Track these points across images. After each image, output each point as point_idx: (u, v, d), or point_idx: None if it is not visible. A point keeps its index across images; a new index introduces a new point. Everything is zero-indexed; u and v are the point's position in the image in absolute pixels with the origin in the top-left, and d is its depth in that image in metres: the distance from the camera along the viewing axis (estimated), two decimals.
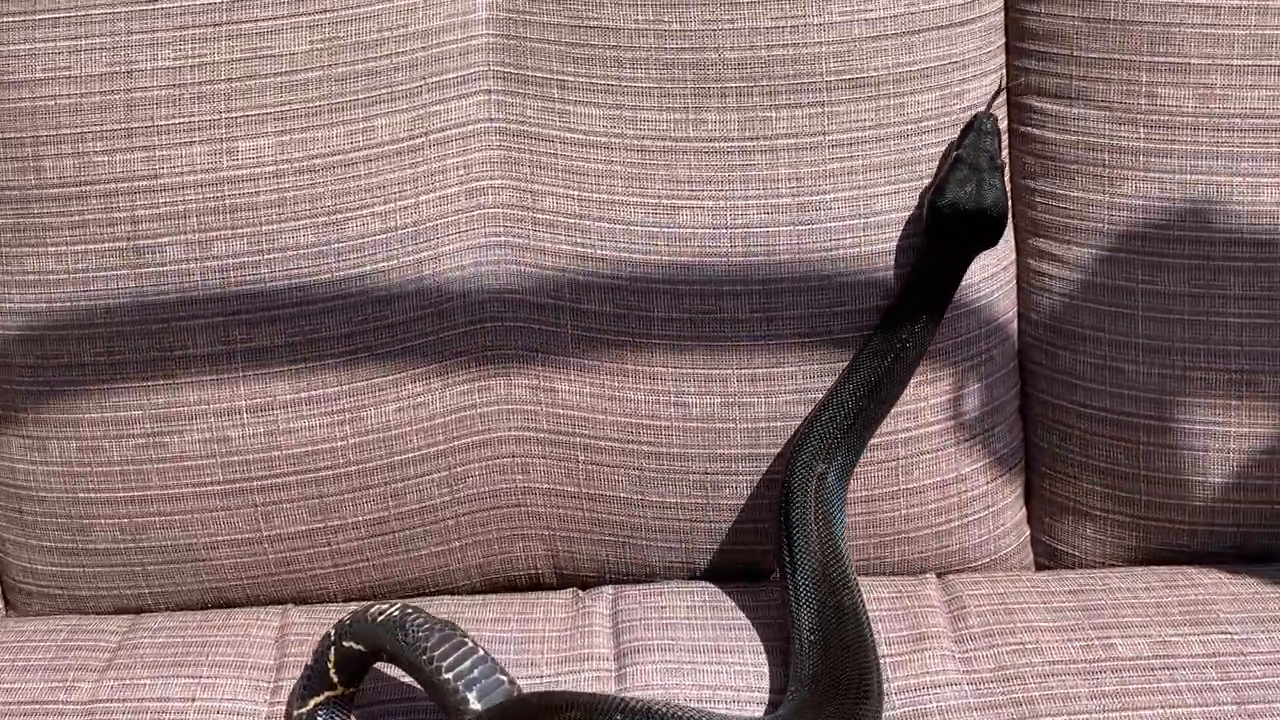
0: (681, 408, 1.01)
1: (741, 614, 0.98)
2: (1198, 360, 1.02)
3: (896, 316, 0.98)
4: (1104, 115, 1.01)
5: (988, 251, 1.02)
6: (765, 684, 0.92)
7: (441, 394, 1.00)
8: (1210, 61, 0.99)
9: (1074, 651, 0.93)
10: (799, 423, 1.00)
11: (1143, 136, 1.01)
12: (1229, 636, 0.94)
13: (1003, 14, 1.03)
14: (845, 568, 0.94)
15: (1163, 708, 0.87)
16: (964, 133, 0.99)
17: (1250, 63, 0.99)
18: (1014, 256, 1.07)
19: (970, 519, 1.06)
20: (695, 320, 1.00)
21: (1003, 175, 0.99)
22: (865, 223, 1.00)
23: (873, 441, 1.01)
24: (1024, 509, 1.10)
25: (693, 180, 0.99)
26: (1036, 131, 1.05)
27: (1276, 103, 0.99)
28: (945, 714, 0.88)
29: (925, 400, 1.03)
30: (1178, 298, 1.01)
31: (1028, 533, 1.10)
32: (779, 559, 0.95)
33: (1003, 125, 1.04)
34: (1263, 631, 0.94)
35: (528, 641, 0.97)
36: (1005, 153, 1.02)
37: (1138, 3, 0.98)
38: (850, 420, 0.97)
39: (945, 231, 0.96)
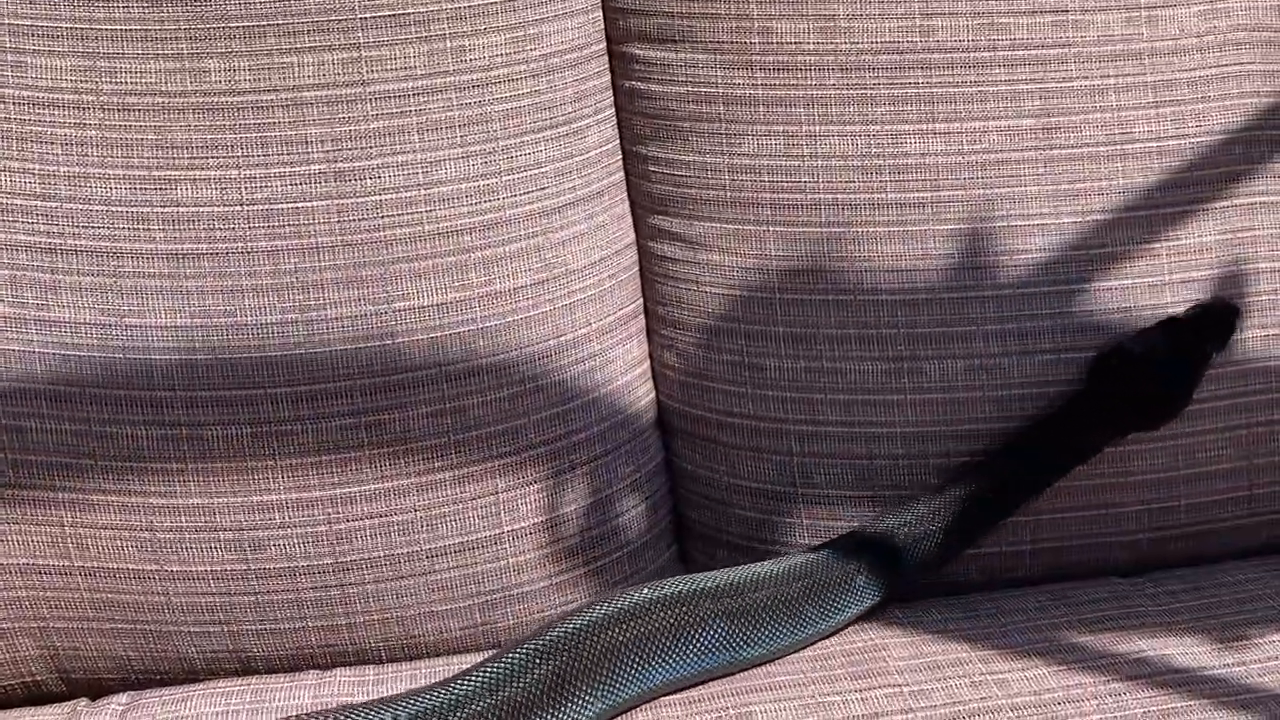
0: (197, 441, 0.77)
1: (290, 713, 0.76)
2: (849, 348, 0.86)
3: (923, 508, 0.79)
4: (714, 60, 0.84)
5: (595, 231, 0.85)
6: None
7: None
8: None
9: None
10: (352, 455, 0.80)
11: (760, 83, 0.83)
12: (896, 690, 0.76)
13: None
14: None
15: None
16: (1202, 309, 0.83)
17: None
18: (632, 237, 0.90)
19: (602, 562, 0.85)
20: (209, 325, 0.78)
21: (1202, 366, 0.82)
22: (426, 194, 0.81)
23: (452, 470, 0.81)
24: (674, 544, 0.91)
25: (193, 145, 0.77)
26: (641, 85, 0.86)
27: (911, 34, 0.84)
28: None
29: (524, 415, 0.83)
30: (820, 275, 0.85)
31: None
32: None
33: (604, 78, 0.88)
34: (937, 680, 0.76)
35: None
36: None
37: None
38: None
39: (1097, 390, 0.80)
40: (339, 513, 0.79)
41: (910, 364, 0.84)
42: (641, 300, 0.89)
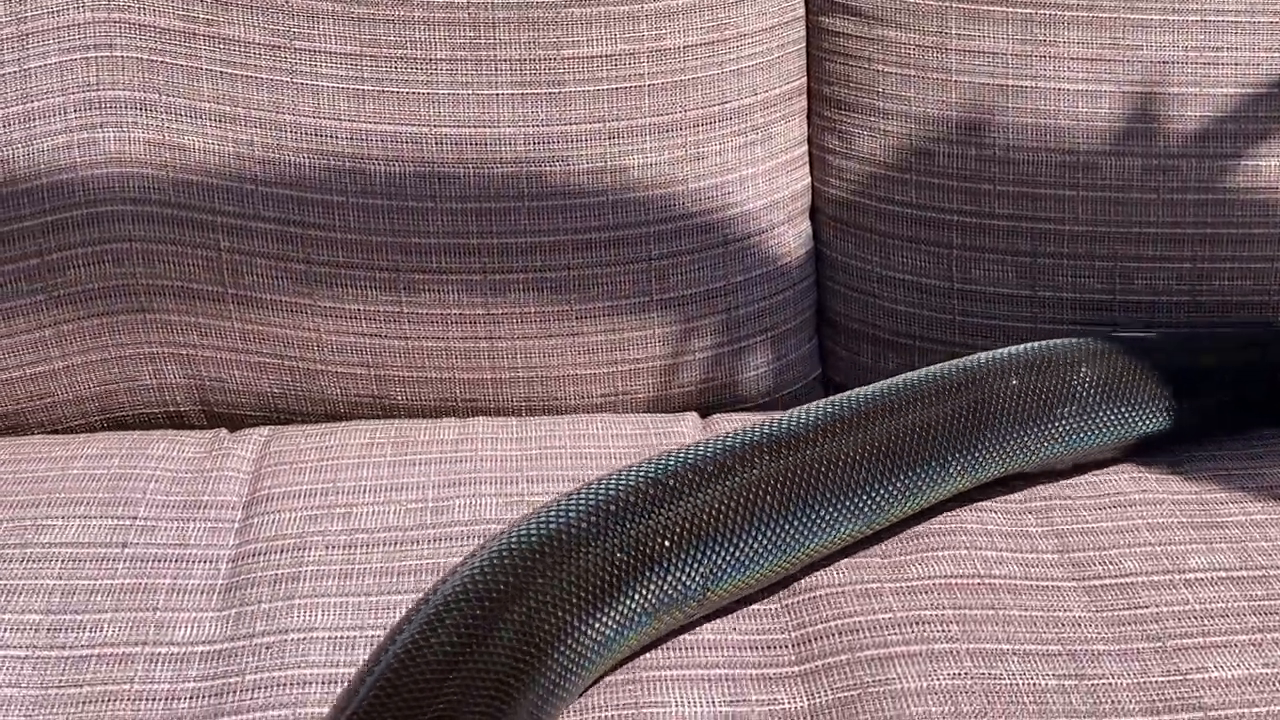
0: (360, 175, 0.75)
1: (433, 450, 0.75)
2: (1024, 138, 0.83)
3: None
4: None
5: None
6: (447, 519, 0.69)
7: (30, 139, 0.74)
8: None
9: None
10: (511, 205, 0.78)
11: None
12: (1054, 479, 0.75)
13: None
14: None
15: (966, 549, 0.68)
16: None
17: None
18: (803, 11, 0.85)
19: (744, 344, 0.85)
20: (379, 57, 0.77)
21: None
22: None
23: (608, 231, 0.78)
24: (814, 338, 0.90)
25: None
26: None
27: None
28: None
29: (682, 182, 0.81)
30: (1001, 59, 0.81)
31: (818, 370, 0.90)
32: None
33: None
34: (1093, 475, 0.75)
35: (131, 479, 0.71)
36: None
37: None
38: None
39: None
40: (494, 263, 0.78)
41: (1086, 159, 0.82)
42: (806, 79, 0.87)
